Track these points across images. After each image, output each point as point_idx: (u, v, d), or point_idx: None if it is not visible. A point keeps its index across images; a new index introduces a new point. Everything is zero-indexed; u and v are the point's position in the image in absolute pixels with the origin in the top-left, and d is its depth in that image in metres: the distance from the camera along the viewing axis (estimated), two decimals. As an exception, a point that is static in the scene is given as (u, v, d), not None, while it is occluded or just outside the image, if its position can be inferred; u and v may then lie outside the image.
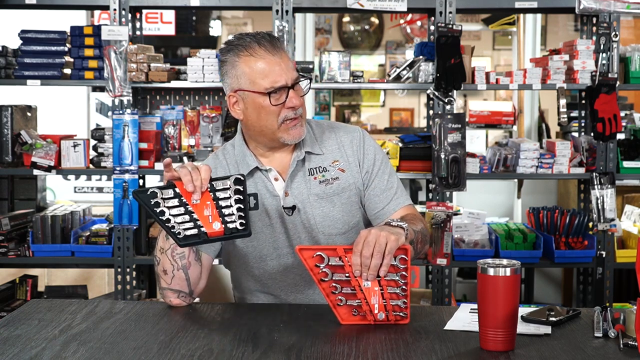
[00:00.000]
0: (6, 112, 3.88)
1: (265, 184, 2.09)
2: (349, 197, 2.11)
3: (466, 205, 4.60)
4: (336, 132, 2.17)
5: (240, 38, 2.02)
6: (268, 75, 1.98)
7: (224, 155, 2.16)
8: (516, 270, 1.62)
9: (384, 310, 1.80)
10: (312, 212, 2.08)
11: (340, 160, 2.12)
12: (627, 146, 4.04)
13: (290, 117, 2.01)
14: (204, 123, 3.99)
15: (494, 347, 1.63)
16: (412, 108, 9.06)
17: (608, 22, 3.79)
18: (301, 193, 2.08)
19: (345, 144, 2.14)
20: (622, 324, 1.75)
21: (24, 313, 1.93)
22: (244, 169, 2.09)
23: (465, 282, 5.16)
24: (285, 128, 2.03)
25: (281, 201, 2.08)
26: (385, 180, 2.14)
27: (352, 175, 2.12)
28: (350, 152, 2.14)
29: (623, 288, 4.21)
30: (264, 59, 1.98)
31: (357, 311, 1.81)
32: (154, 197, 1.84)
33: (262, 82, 1.99)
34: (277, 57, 1.99)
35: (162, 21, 6.59)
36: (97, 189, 5.38)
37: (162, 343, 1.70)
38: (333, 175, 2.11)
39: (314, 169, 2.11)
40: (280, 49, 2.00)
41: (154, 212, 1.84)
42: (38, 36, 3.83)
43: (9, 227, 3.83)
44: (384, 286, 1.78)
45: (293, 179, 2.09)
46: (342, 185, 2.10)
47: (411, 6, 3.82)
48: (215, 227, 1.83)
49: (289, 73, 2.00)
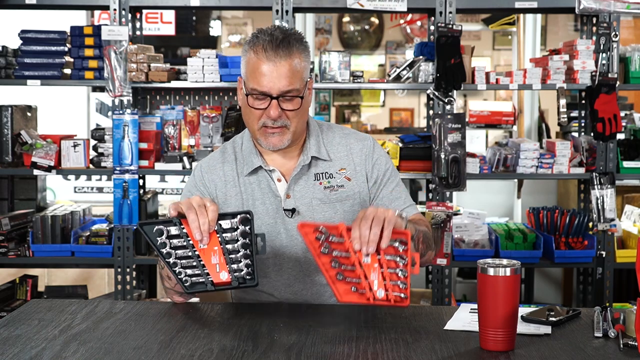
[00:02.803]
0: (6, 112, 3.88)
1: (268, 183, 2.10)
2: (352, 205, 2.11)
3: (466, 205, 4.60)
4: (347, 139, 2.16)
5: (261, 32, 2.01)
6: (256, 77, 1.97)
7: (233, 149, 2.16)
8: (516, 270, 1.62)
9: (384, 289, 1.77)
10: (313, 216, 2.08)
11: (348, 169, 2.12)
12: (627, 146, 4.04)
13: (269, 124, 2.00)
14: (204, 123, 3.99)
15: (494, 347, 1.63)
16: (412, 108, 9.06)
17: (608, 22, 3.79)
18: (304, 196, 2.08)
19: (354, 152, 2.14)
20: (622, 324, 1.75)
21: (24, 313, 1.93)
22: (248, 166, 2.10)
23: (465, 282, 5.16)
24: (263, 133, 2.02)
25: (282, 202, 2.08)
26: (392, 190, 2.15)
27: (357, 184, 2.12)
28: (358, 161, 2.13)
29: (623, 288, 4.21)
30: (260, 60, 1.97)
31: (356, 288, 1.78)
32: (160, 235, 1.82)
33: (250, 81, 2.00)
34: (273, 64, 1.96)
35: (162, 21, 6.60)
36: (97, 189, 5.39)
37: (162, 343, 1.70)
38: (339, 182, 2.11)
39: (321, 174, 2.11)
40: (283, 57, 1.96)
41: (160, 252, 1.83)
42: (38, 36, 3.83)
43: (9, 227, 3.83)
44: (383, 264, 1.76)
45: (297, 182, 2.09)
46: (347, 193, 2.10)
47: (411, 6, 3.82)
48: (222, 277, 1.80)
49: (278, 82, 1.96)
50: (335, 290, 1.79)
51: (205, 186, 2.13)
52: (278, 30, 2.00)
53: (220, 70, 3.79)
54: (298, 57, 1.99)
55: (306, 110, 2.07)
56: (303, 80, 2.01)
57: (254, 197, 2.10)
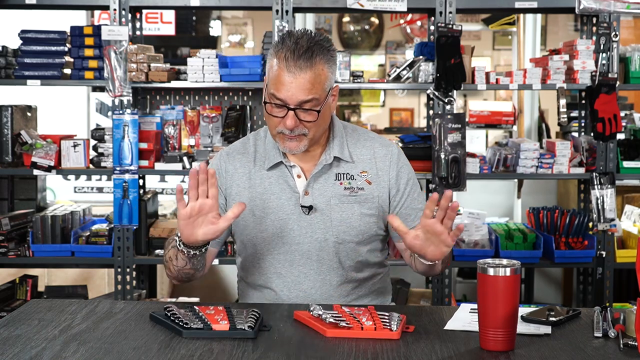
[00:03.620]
0: (6, 112, 3.88)
1: (287, 178, 2.11)
2: (369, 208, 2.12)
3: (466, 205, 4.60)
4: (372, 142, 2.18)
5: (287, 36, 2.00)
6: (276, 84, 1.98)
7: (254, 142, 2.17)
8: (516, 270, 1.62)
9: (373, 322, 1.76)
10: (330, 215, 2.09)
11: (369, 172, 2.14)
12: (627, 146, 4.03)
13: (286, 132, 2.01)
14: (204, 123, 3.99)
15: (494, 347, 1.63)
16: (412, 108, 9.05)
17: (608, 22, 3.79)
18: (323, 194, 2.10)
19: (378, 157, 2.16)
20: (622, 324, 1.76)
21: (24, 313, 1.93)
22: (269, 161, 2.11)
23: (465, 282, 5.16)
24: (282, 138, 2.04)
25: (300, 199, 2.10)
26: (415, 200, 2.18)
27: (377, 189, 2.13)
28: (382, 166, 2.15)
29: (623, 288, 4.21)
30: (281, 69, 1.96)
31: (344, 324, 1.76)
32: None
33: (270, 85, 2.00)
34: (293, 76, 1.95)
35: (162, 21, 6.59)
36: (97, 189, 5.39)
37: (162, 343, 1.70)
38: (359, 185, 2.12)
39: (342, 175, 2.12)
40: (304, 69, 1.95)
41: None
42: (38, 36, 3.83)
43: (9, 227, 3.83)
44: (376, 322, 1.76)
45: (317, 180, 2.11)
46: (366, 196, 2.12)
47: (411, 6, 3.82)
48: (221, 324, 1.76)
49: (297, 94, 1.96)
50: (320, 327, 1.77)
51: (220, 175, 2.15)
52: (305, 38, 1.98)
53: (220, 70, 3.79)
54: (321, 67, 1.98)
55: (326, 118, 2.07)
56: (325, 90, 2.00)
57: (269, 192, 2.11)
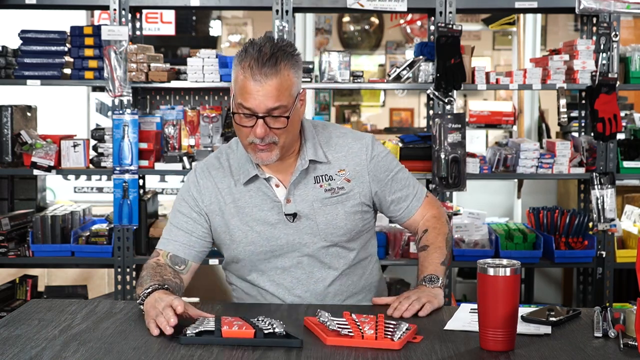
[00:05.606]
0: (6, 112, 3.88)
1: (265, 190, 2.07)
2: (353, 206, 2.10)
3: (466, 205, 4.59)
4: (344, 138, 2.14)
5: (250, 46, 1.94)
6: (243, 94, 1.93)
7: (227, 156, 2.13)
8: (516, 270, 1.62)
9: (375, 331, 1.71)
10: (316, 219, 2.07)
11: (347, 170, 2.10)
12: (627, 146, 4.03)
13: (257, 142, 1.96)
14: (204, 123, 3.99)
15: (494, 347, 1.63)
16: (412, 108, 9.06)
17: (608, 22, 3.79)
18: (304, 200, 2.07)
19: (353, 152, 2.12)
20: (622, 324, 1.75)
21: (24, 313, 1.93)
22: (244, 175, 2.07)
23: (465, 282, 5.16)
24: (253, 148, 1.99)
25: (283, 207, 2.06)
26: (401, 181, 2.17)
27: (357, 185, 2.11)
28: (358, 161, 2.11)
29: (623, 288, 4.21)
30: (247, 79, 1.91)
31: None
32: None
33: (237, 95, 1.95)
34: (259, 84, 1.90)
35: (162, 21, 6.59)
36: (97, 189, 5.39)
37: (162, 343, 1.70)
38: (339, 184, 2.09)
39: (320, 177, 2.09)
40: (269, 76, 1.90)
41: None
42: (38, 36, 3.83)
43: (9, 227, 3.83)
44: (379, 331, 1.72)
45: (296, 186, 2.07)
46: (347, 194, 2.09)
47: (411, 6, 3.82)
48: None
49: (264, 101, 1.91)
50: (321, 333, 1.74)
51: (199, 192, 2.11)
52: (268, 45, 1.93)
53: (220, 70, 3.79)
54: (286, 73, 1.93)
55: (296, 124, 2.02)
56: (292, 95, 1.95)
57: (251, 204, 2.07)
